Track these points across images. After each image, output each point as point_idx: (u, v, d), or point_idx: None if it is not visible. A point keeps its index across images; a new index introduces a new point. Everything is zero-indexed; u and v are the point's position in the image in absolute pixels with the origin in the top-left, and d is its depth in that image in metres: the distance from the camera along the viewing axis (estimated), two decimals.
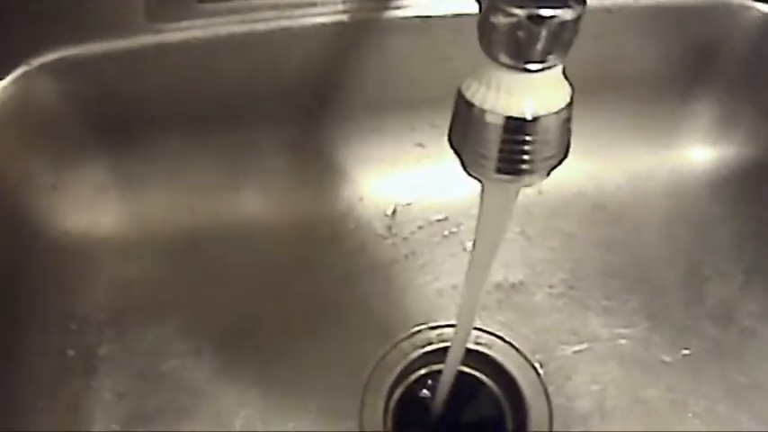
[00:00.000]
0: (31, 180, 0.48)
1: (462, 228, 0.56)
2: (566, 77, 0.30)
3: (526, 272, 0.55)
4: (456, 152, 0.32)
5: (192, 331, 0.51)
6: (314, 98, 0.51)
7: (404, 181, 0.57)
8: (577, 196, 0.58)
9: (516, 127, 0.29)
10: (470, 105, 0.30)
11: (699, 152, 0.60)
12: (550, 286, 0.54)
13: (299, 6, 0.47)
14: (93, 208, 0.52)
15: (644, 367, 0.52)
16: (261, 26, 0.46)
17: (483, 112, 0.29)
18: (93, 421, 0.48)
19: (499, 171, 0.31)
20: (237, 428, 0.48)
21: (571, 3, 0.26)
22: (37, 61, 0.45)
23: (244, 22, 0.46)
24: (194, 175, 0.53)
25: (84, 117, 0.49)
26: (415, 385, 0.52)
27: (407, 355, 0.51)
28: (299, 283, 0.53)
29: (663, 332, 0.53)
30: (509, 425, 0.51)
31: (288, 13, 0.46)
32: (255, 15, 0.46)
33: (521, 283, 0.54)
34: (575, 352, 0.52)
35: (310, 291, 0.53)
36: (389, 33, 0.48)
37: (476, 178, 0.32)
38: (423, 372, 0.52)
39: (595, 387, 0.51)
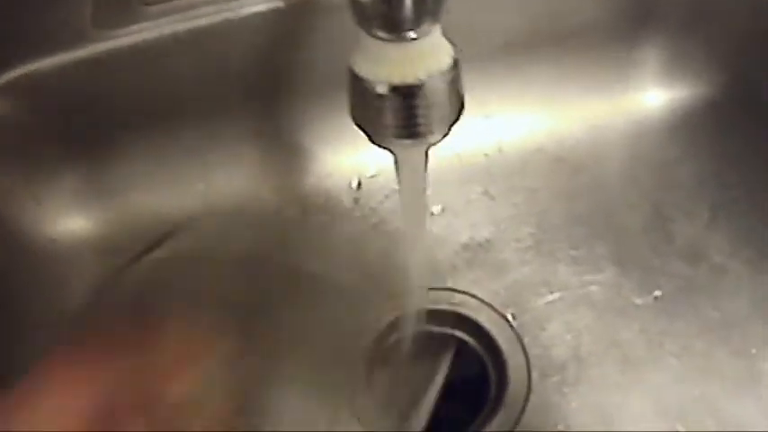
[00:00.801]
0: (11, 195, 0.52)
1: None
2: (449, 39, 0.31)
3: (492, 230, 0.56)
4: (359, 127, 0.34)
5: None
6: (268, 85, 0.53)
7: (367, 155, 0.58)
8: (537, 152, 0.59)
9: (405, 93, 0.31)
10: (360, 80, 0.32)
11: (652, 96, 0.60)
12: (517, 241, 0.56)
13: None
14: (74, 214, 0.55)
15: (617, 312, 0.53)
16: (203, 21, 0.48)
17: (372, 84, 0.31)
18: None
19: (400, 137, 0.33)
20: None
21: None
22: None
23: (187, 19, 0.48)
24: (165, 171, 0.56)
25: (53, 129, 0.51)
26: (394, 347, 0.54)
27: (385, 317, 0.53)
28: (277, 260, 0.56)
29: (633, 275, 0.54)
30: (492, 378, 0.53)
31: (226, 6, 0.48)
32: (196, 12, 0.48)
33: (487, 241, 0.56)
34: (547, 303, 0.53)
35: (289, 266, 0.55)
36: (330, 13, 0.49)
37: (384, 147, 0.34)
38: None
39: (570, 335, 0.52)
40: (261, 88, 0.53)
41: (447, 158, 0.59)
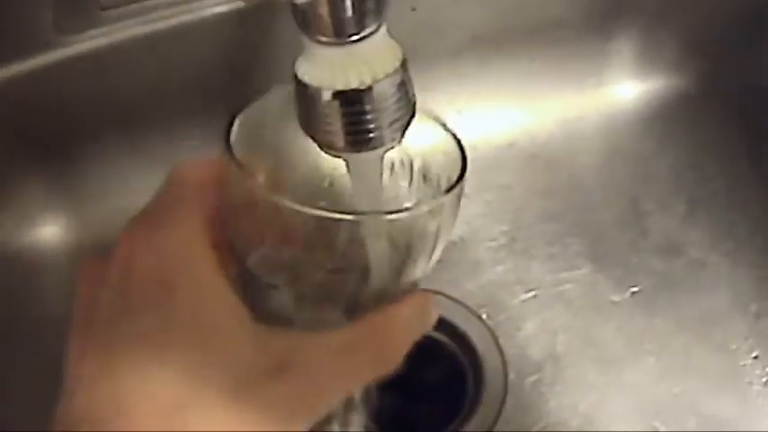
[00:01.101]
0: None
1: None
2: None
3: (465, 228, 0.55)
4: (309, 136, 0.32)
5: None
6: (231, 87, 0.52)
7: None
8: (510, 148, 0.58)
9: (352, 99, 0.29)
10: (305, 86, 0.30)
11: (627, 88, 0.59)
12: (492, 239, 0.55)
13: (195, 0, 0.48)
14: (43, 222, 0.54)
15: (593, 309, 0.52)
16: (163, 24, 0.47)
17: (318, 90, 0.30)
18: None
19: (350, 145, 0.31)
20: None
21: None
22: None
23: (147, 22, 0.47)
24: (132, 176, 0.54)
25: (16, 139, 0.50)
26: None
27: None
28: None
29: (609, 272, 0.53)
30: (468, 379, 0.52)
31: (186, 7, 0.47)
32: (156, 15, 0.47)
33: (461, 239, 0.55)
34: (522, 301, 0.52)
35: None
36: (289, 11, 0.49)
37: (335, 155, 0.33)
38: None
39: (546, 334, 0.51)
40: (224, 90, 0.52)
41: None
